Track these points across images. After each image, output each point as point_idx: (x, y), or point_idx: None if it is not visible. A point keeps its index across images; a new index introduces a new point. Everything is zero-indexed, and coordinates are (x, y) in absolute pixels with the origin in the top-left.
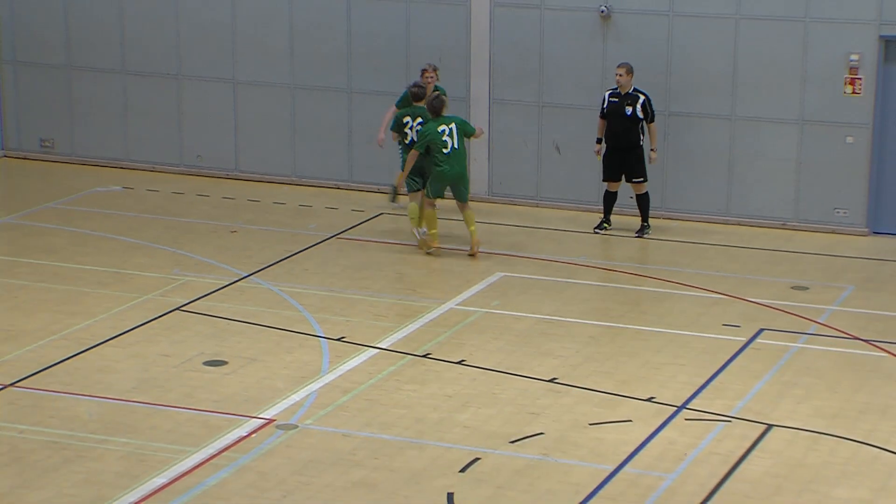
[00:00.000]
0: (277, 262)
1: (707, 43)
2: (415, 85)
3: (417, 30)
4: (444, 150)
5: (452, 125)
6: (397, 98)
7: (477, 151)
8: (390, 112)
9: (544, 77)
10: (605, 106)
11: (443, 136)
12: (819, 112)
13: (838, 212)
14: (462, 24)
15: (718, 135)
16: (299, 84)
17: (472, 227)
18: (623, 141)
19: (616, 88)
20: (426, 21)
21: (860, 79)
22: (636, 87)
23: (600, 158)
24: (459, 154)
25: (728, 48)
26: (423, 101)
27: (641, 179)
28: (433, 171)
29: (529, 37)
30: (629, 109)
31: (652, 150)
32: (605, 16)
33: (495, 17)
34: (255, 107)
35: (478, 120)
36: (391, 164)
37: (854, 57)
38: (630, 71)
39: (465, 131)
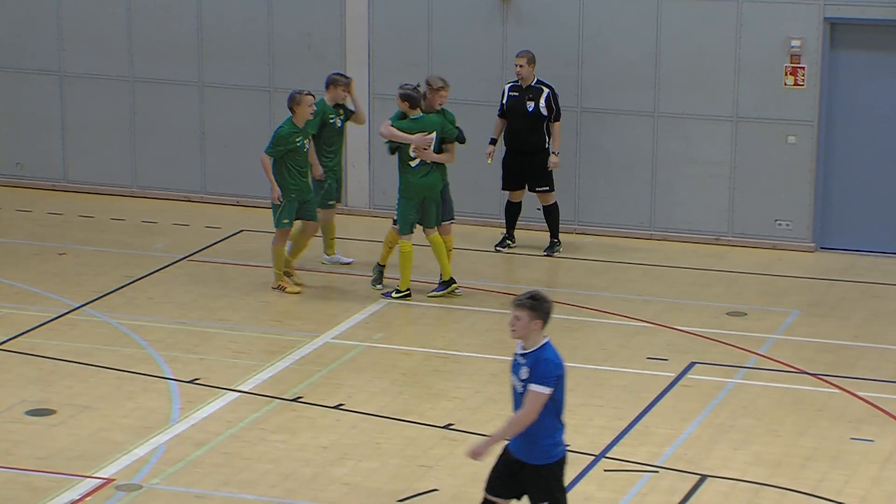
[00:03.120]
0: (116, 289)
1: (625, 27)
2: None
3: (281, 13)
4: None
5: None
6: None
7: (356, 155)
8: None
9: (433, 68)
10: (504, 101)
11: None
12: (756, 108)
13: (780, 224)
14: (335, 6)
15: (639, 135)
16: (139, 77)
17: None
18: (525, 143)
19: (517, 81)
20: (292, 2)
21: (803, 68)
22: (540, 78)
23: (490, 161)
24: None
25: (649, 34)
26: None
27: (547, 189)
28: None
29: (415, 22)
30: (531, 105)
31: (553, 153)
32: None
33: None
34: (87, 104)
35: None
36: (251, 172)
37: (795, 43)
38: (532, 60)
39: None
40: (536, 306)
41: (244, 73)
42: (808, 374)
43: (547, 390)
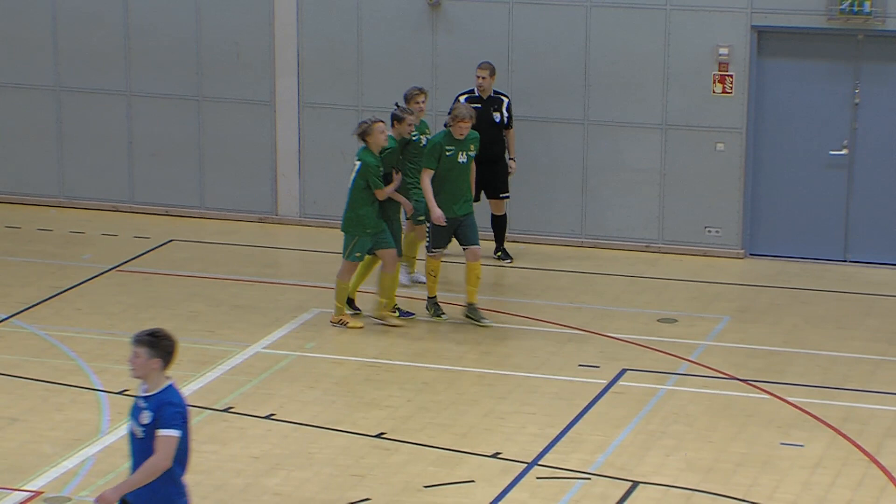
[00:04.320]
0: (43, 300)
1: (554, 36)
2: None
3: (210, 21)
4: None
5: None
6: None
7: (286, 164)
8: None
9: (363, 77)
10: None
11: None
12: (685, 115)
13: (709, 231)
14: (263, 15)
15: (569, 143)
16: (66, 86)
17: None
18: (490, 152)
19: (473, 92)
20: (220, 11)
21: (731, 76)
22: (494, 88)
23: None
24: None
25: (578, 42)
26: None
27: (507, 196)
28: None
29: (344, 30)
30: (497, 116)
31: (512, 159)
32: (434, 4)
33: (303, 6)
34: (13, 114)
35: (286, 127)
36: (179, 181)
37: (723, 50)
38: (493, 72)
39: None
40: (156, 343)
41: (172, 81)
42: (738, 379)
43: (177, 433)
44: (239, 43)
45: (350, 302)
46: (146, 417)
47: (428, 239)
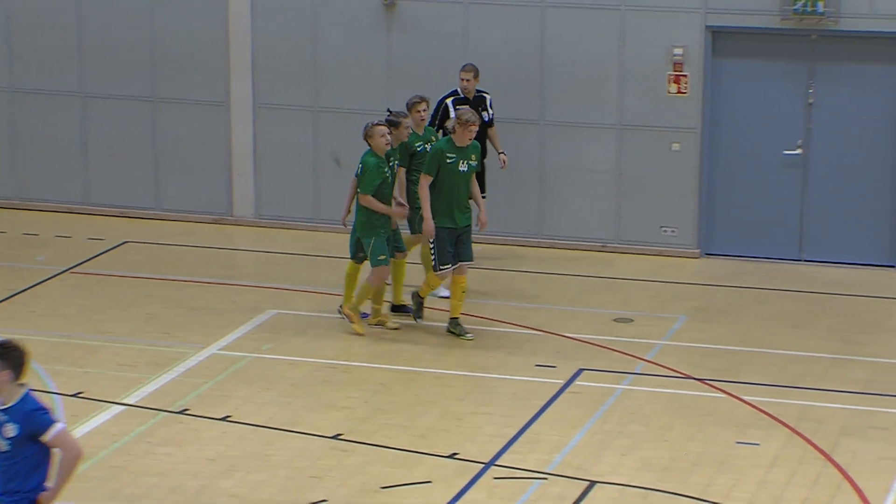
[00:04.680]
0: None
1: (509, 36)
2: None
3: (164, 22)
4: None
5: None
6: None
7: (241, 165)
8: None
9: (318, 77)
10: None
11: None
12: (640, 116)
13: (665, 231)
14: (218, 15)
15: (526, 143)
16: (18, 87)
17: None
18: (484, 152)
19: (458, 94)
20: (174, 10)
21: (685, 76)
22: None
23: None
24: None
25: (534, 42)
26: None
27: (485, 196)
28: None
29: (299, 29)
30: (486, 115)
31: (502, 152)
32: (389, 4)
33: (257, 6)
34: None
35: (241, 128)
36: (135, 183)
37: (678, 51)
38: (477, 74)
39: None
40: (4, 355)
41: (126, 82)
42: (694, 379)
43: (61, 425)
44: (193, 42)
45: (400, 307)
46: (11, 430)
47: (434, 258)
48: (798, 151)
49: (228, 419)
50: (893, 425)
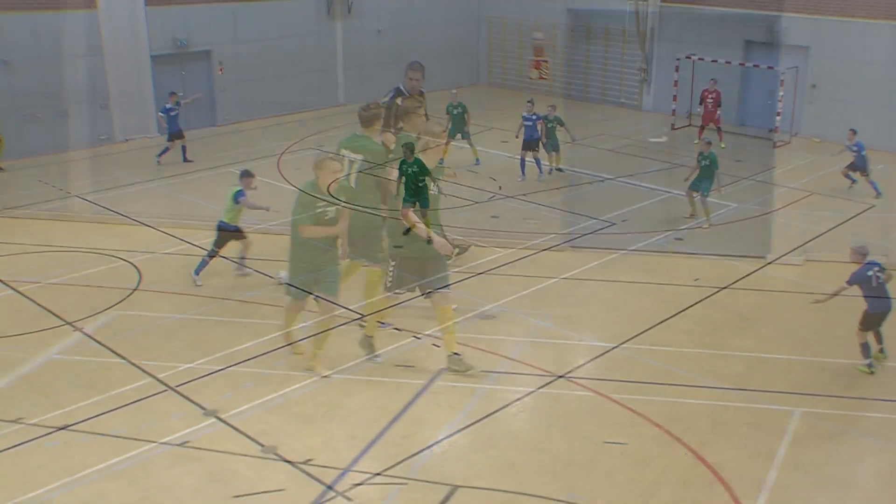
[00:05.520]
0: None
1: None
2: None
3: None
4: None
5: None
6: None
7: None
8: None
9: None
10: None
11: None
12: None
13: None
14: None
15: None
16: None
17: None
18: None
19: (400, 91)
20: None
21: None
22: None
23: None
24: None
25: None
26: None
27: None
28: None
29: None
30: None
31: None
32: None
33: None
34: None
35: None
36: None
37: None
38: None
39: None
40: None
41: None
42: (561, 377)
43: None
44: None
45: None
46: None
47: (389, 279)
48: None
49: None
50: (764, 422)
